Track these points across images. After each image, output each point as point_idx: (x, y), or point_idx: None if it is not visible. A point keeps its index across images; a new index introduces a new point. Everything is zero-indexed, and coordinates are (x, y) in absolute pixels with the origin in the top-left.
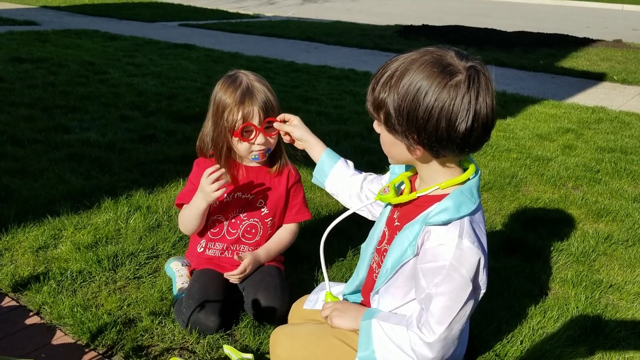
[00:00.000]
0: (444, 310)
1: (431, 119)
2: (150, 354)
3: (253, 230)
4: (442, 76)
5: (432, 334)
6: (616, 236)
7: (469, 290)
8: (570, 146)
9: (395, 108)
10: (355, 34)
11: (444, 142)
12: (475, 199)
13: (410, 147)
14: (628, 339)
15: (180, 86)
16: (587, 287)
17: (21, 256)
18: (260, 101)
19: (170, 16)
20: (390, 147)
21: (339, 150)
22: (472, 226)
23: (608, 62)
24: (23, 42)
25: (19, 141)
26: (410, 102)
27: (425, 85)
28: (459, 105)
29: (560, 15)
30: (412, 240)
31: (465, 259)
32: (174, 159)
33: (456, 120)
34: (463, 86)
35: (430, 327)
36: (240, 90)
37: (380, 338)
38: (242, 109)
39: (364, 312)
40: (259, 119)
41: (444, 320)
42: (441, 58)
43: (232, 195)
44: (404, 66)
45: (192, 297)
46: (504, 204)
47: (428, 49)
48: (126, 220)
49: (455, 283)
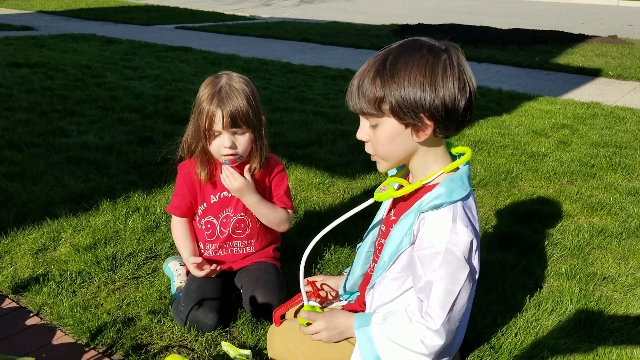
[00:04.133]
0: (445, 294)
1: (437, 92)
2: (149, 352)
3: (242, 225)
4: (430, 54)
5: (438, 319)
6: (610, 229)
7: (467, 272)
8: (565, 142)
9: (401, 94)
10: (351, 34)
11: (453, 113)
12: (466, 186)
13: (419, 128)
14: (622, 329)
15: (177, 88)
16: (581, 280)
17: (21, 258)
18: (229, 106)
19: (167, 19)
20: (390, 143)
21: (335, 149)
22: (465, 210)
23: (603, 58)
24: (20, 47)
25: (17, 145)
26: (414, 81)
27: (420, 63)
28: (454, 77)
29: (555, 11)
30: (408, 230)
31: (460, 241)
32: (171, 160)
33: (458, 90)
34: (451, 60)
35: (435, 314)
36: (214, 91)
37: (383, 343)
38: (209, 110)
39: (355, 320)
40: (223, 123)
41: (447, 303)
42: (421, 41)
43: (219, 196)
44: (392, 57)
45: (190, 295)
46: (499, 199)
47: (398, 42)
48: (125, 222)
49: (453, 266)
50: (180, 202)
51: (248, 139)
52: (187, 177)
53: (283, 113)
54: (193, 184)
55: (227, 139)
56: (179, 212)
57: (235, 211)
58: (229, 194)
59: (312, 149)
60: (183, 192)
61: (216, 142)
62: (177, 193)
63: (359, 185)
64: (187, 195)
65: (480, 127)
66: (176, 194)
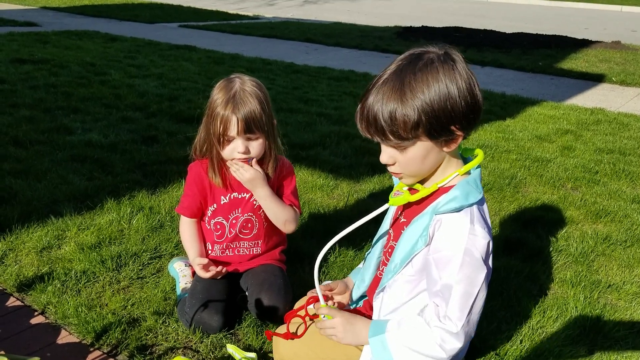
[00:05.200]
0: (464, 296)
1: (454, 99)
2: (154, 353)
3: (249, 225)
4: (442, 64)
5: (459, 321)
6: (615, 237)
7: (484, 273)
8: (569, 147)
9: (435, 114)
10: (354, 35)
11: (473, 114)
12: (480, 189)
13: (450, 141)
14: (626, 338)
15: (182, 87)
16: (586, 287)
17: (25, 257)
18: (243, 112)
19: (170, 17)
20: (423, 161)
21: (339, 151)
22: (481, 213)
23: (607, 63)
24: (24, 43)
25: (21, 142)
26: (438, 99)
27: (441, 76)
28: (461, 78)
29: (559, 16)
30: (423, 231)
31: (478, 243)
32: (176, 160)
33: (473, 92)
34: (449, 63)
35: (454, 316)
36: (228, 96)
37: (399, 350)
38: (223, 115)
39: (370, 328)
40: (238, 129)
41: (466, 306)
42: (413, 54)
43: (229, 197)
44: (407, 80)
45: (196, 296)
46: (503, 204)
47: (403, 59)
48: (129, 221)
49: (472, 267)
50: (191, 203)
51: (261, 143)
52: (197, 177)
53: (287, 114)
54: (203, 184)
55: (241, 145)
56: (189, 212)
57: (243, 211)
58: (239, 194)
59: (316, 150)
60: (193, 193)
61: (230, 147)
62: (187, 194)
63: (363, 187)
64: (197, 196)
65: (484, 131)
66: (186, 194)
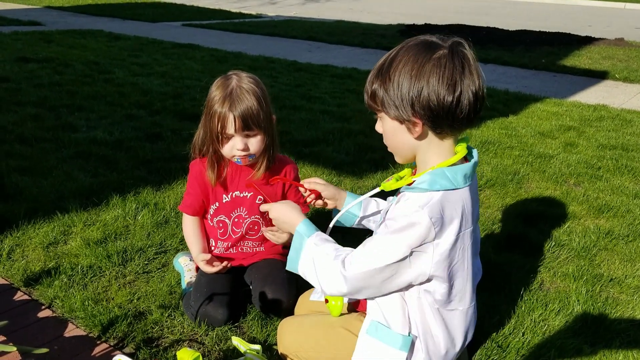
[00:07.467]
0: (370, 255)
1: (421, 88)
2: (160, 346)
3: (256, 227)
4: (426, 52)
5: (351, 268)
6: (617, 231)
7: (401, 254)
8: (571, 144)
9: (388, 90)
10: (357, 33)
11: (437, 110)
12: (456, 182)
13: (410, 123)
14: (628, 330)
15: (185, 85)
16: (587, 281)
17: (32, 252)
18: (240, 109)
19: (173, 16)
20: (393, 137)
21: (342, 148)
22: (442, 205)
23: (610, 60)
24: (28, 42)
25: (26, 140)
26: (402, 78)
27: (412, 60)
28: (443, 74)
29: (562, 13)
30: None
31: (414, 230)
32: (180, 157)
33: (445, 87)
34: (447, 57)
35: (352, 262)
36: (225, 94)
37: (306, 259)
38: (221, 113)
39: (301, 224)
40: (235, 127)
41: (368, 263)
42: (425, 39)
43: (231, 195)
44: (392, 55)
45: (200, 290)
46: (506, 200)
47: (411, 39)
48: (134, 217)
49: (392, 239)
50: (193, 201)
51: (260, 139)
52: (199, 175)
53: (290, 111)
54: (205, 182)
55: (239, 142)
56: (191, 210)
57: (249, 213)
58: (241, 193)
59: (319, 147)
60: (195, 191)
61: (229, 145)
62: (189, 192)
63: (366, 184)
64: (199, 194)
65: (487, 127)
66: (188, 192)
